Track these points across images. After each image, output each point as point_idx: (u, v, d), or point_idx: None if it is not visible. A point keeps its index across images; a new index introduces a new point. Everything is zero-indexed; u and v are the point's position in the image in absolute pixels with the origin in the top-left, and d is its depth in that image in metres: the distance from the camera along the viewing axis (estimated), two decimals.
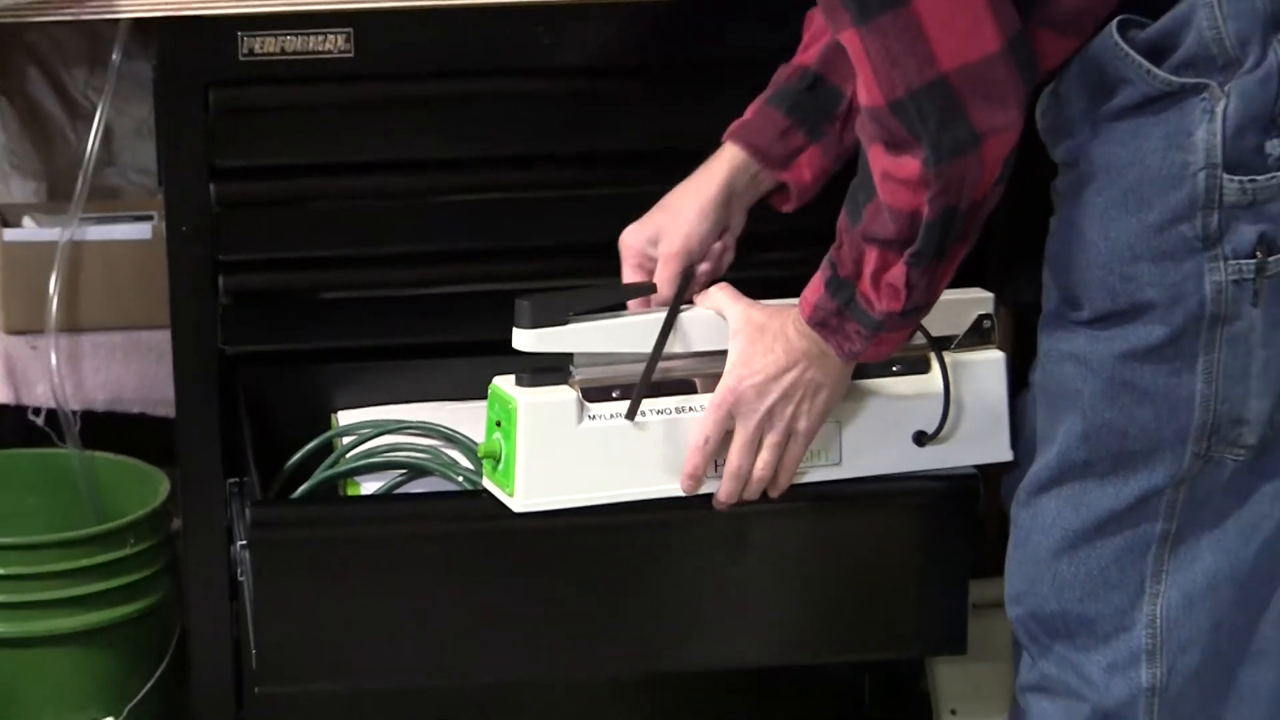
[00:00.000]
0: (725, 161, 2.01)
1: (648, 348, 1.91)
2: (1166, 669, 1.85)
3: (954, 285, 1.86)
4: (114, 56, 2.44)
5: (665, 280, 1.99)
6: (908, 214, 1.72)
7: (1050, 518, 1.86)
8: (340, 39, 2.19)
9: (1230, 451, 1.80)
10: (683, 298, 1.96)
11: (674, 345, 1.93)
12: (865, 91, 1.71)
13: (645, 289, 1.98)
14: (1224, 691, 1.87)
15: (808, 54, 1.99)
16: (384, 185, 2.27)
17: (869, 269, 1.77)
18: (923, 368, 1.97)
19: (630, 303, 1.98)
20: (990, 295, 2.00)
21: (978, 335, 1.99)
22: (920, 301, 1.79)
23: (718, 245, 2.01)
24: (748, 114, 2.01)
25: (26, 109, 2.72)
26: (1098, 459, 1.82)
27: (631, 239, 2.02)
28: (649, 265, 2.01)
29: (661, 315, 1.93)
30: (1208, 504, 1.82)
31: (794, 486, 1.93)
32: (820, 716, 2.50)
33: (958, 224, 1.73)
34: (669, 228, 2.00)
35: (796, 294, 1.85)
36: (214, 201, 2.23)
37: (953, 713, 2.45)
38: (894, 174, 1.72)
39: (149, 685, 2.45)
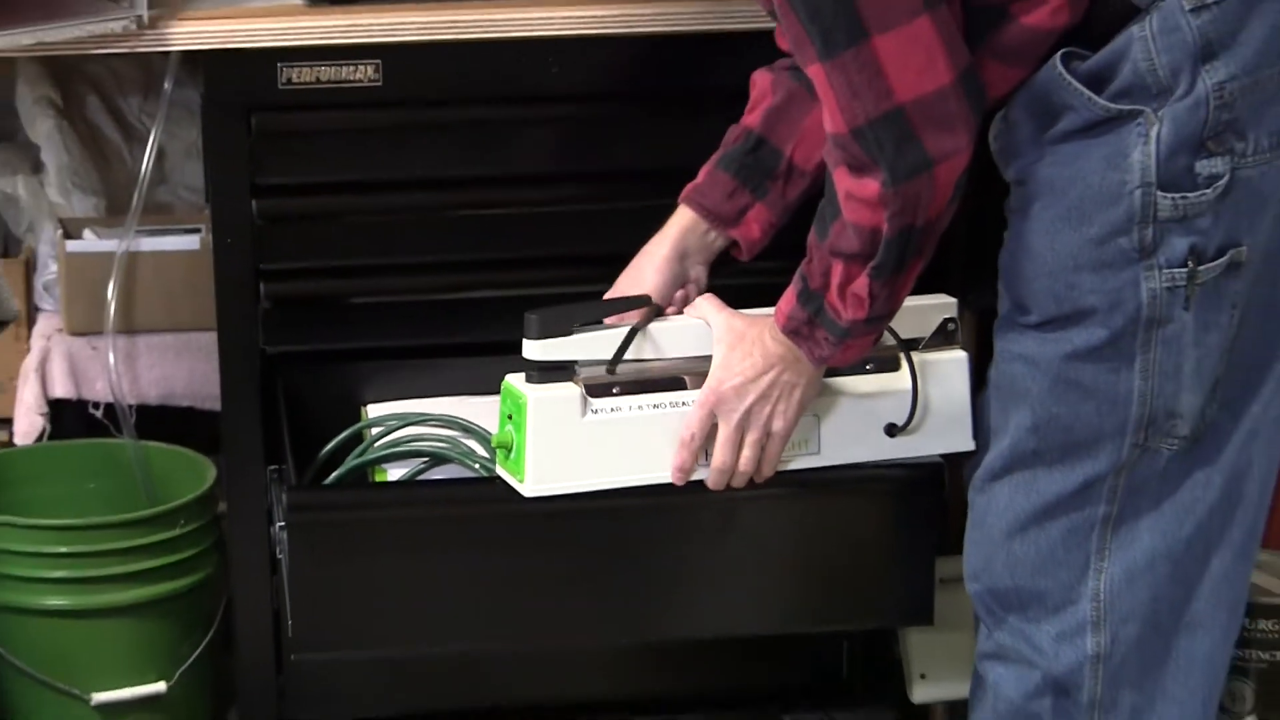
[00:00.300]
0: (676, 224, 2.01)
1: (638, 354, 1.93)
2: (1110, 638, 1.86)
3: (921, 292, 1.88)
4: (166, 85, 2.46)
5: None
6: (869, 230, 1.73)
7: (1003, 502, 1.86)
8: (370, 69, 2.20)
9: (1165, 442, 1.81)
10: (654, 314, 1.96)
11: (665, 350, 1.94)
12: (829, 119, 1.71)
13: (640, 301, 1.98)
14: (1162, 659, 1.88)
15: (752, 116, 1.99)
16: (409, 201, 2.28)
17: (835, 281, 1.77)
18: (893, 366, 1.98)
19: (608, 319, 1.97)
20: (954, 300, 2.01)
21: (943, 337, 2.00)
22: (882, 311, 1.79)
23: (680, 294, 2.00)
24: (699, 177, 2.00)
25: (87, 132, 2.72)
26: (1046, 449, 1.83)
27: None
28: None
29: (649, 325, 1.95)
30: (1146, 489, 1.83)
31: (778, 474, 1.94)
32: (803, 680, 2.51)
33: (915, 240, 1.73)
34: (631, 290, 2.00)
35: (774, 301, 1.85)
36: (256, 216, 2.24)
37: (923, 676, 2.44)
38: (856, 194, 1.72)
39: (197, 652, 2.45)
